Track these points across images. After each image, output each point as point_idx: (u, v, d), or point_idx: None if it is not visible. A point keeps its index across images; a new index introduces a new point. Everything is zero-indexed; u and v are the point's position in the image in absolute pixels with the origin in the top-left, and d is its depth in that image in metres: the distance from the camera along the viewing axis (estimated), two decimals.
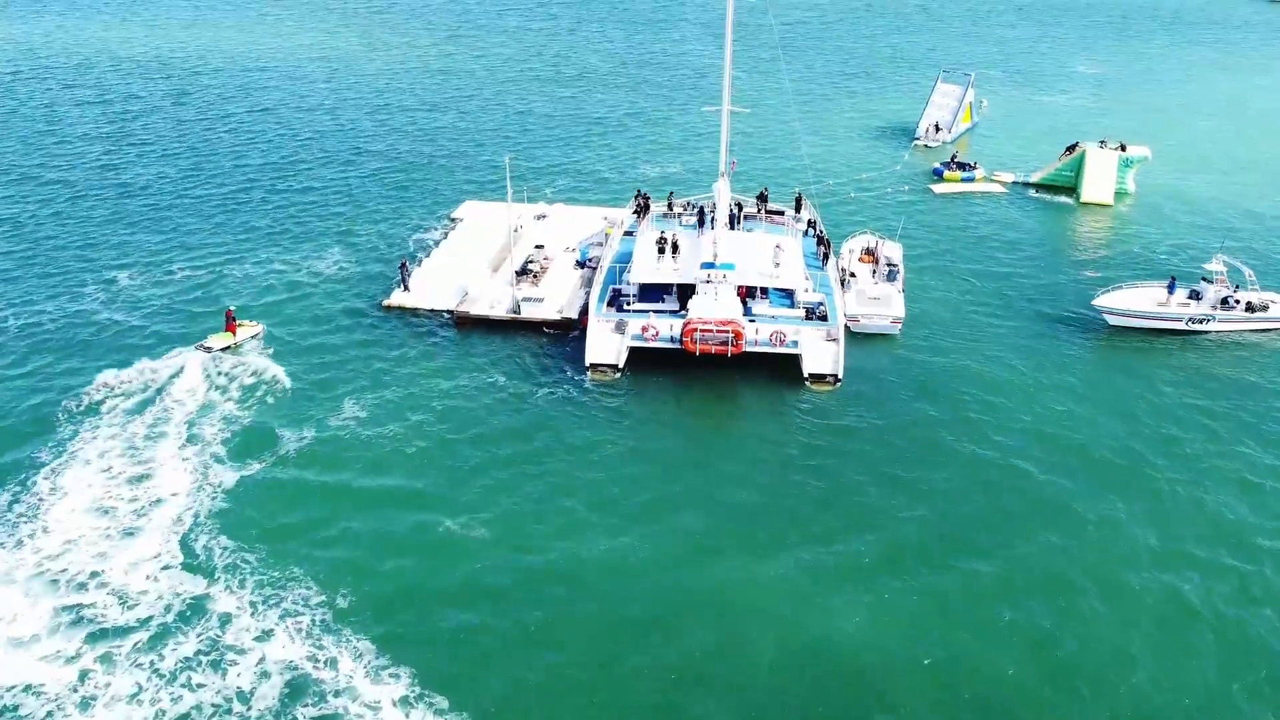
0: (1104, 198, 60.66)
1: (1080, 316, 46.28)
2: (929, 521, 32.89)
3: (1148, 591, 30.29)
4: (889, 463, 35.68)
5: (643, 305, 42.90)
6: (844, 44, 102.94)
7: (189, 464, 34.95)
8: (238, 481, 34.07)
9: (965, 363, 42.21)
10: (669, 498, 33.86)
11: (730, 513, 33.20)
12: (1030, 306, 47.24)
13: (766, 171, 64.15)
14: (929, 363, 42.14)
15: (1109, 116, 79.39)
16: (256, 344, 42.92)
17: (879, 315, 44.08)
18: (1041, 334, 44.91)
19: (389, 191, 60.65)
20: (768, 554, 31.40)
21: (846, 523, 32.72)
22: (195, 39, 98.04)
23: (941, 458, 36.05)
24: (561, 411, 38.29)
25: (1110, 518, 33.33)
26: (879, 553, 31.50)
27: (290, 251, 51.87)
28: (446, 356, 41.97)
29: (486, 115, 76.33)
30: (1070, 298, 48.26)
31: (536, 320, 43.93)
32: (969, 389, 40.25)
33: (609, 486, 34.29)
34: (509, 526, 32.40)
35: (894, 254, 48.27)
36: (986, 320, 45.80)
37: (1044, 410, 39.19)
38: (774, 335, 40.67)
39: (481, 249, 50.10)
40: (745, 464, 35.67)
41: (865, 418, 38.20)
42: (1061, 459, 36.25)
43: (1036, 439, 37.33)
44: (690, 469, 35.40)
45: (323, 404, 38.54)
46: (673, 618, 28.97)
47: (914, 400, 39.43)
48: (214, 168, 64.02)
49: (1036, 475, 35.29)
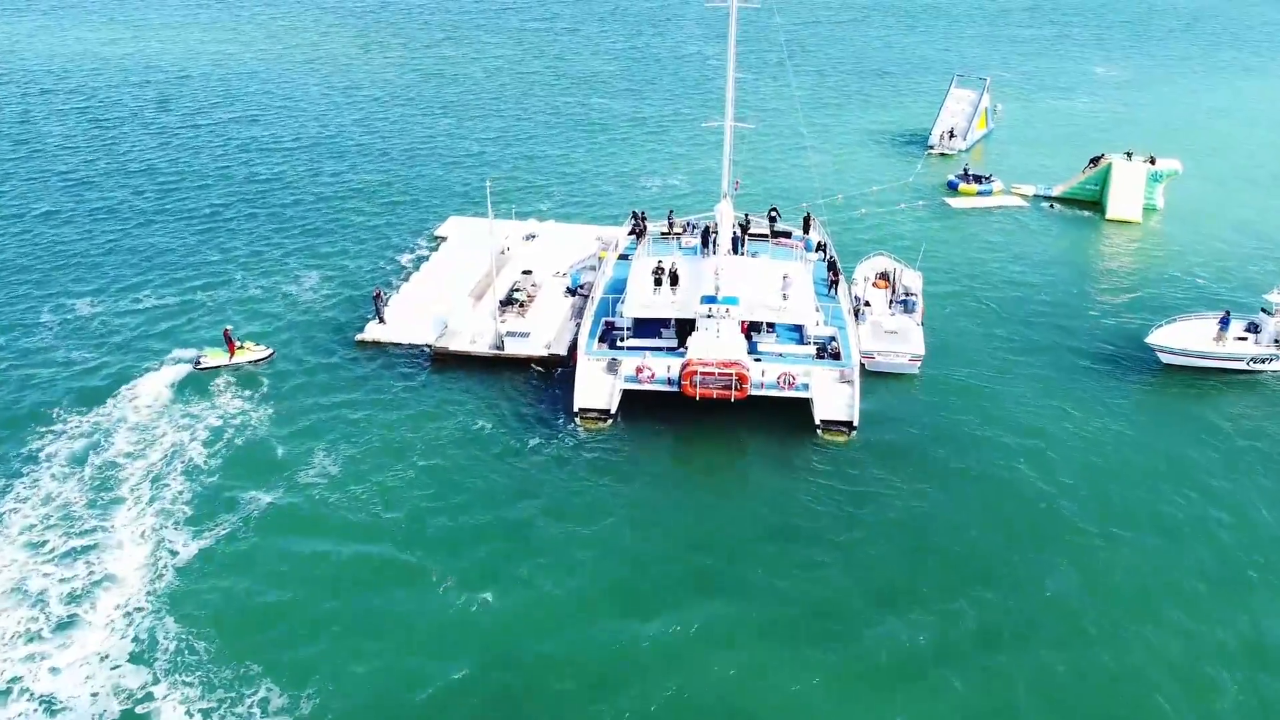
0: (1132, 214, 56.13)
1: (1123, 353, 41.58)
2: (968, 612, 28.56)
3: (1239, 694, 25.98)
4: (916, 534, 31.21)
5: (637, 341, 38.61)
6: (853, 46, 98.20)
7: (140, 529, 30.77)
8: (195, 555, 29.83)
9: (995, 408, 37.68)
10: (669, 579, 29.51)
11: (739, 600, 28.86)
12: (1063, 340, 42.59)
13: (771, 185, 59.75)
14: (954, 408, 37.65)
15: (1130, 123, 74.82)
16: (253, 371, 39.13)
17: (896, 352, 39.68)
18: (1081, 373, 40.24)
19: (375, 207, 56.19)
20: (789, 649, 27.13)
21: (872, 615, 28.41)
22: (183, 41, 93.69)
23: (977, 528, 31.51)
24: (549, 470, 33.86)
25: (1194, 602, 28.75)
26: (914, 650, 27.25)
27: (267, 276, 47.53)
28: (424, 401, 37.65)
29: (481, 122, 71.91)
30: (1107, 330, 43.58)
31: (522, 357, 39.70)
32: (1001, 439, 35.78)
33: (606, 564, 29.97)
34: (496, 612, 28.15)
35: (912, 282, 43.76)
36: (1016, 357, 41.21)
37: (1093, 466, 34.54)
38: (782, 377, 36.35)
39: (464, 274, 45.79)
40: (753, 536, 31.18)
41: (887, 479, 33.62)
42: (1122, 529, 31.56)
43: (1088, 504, 32.67)
44: (690, 545, 30.89)
45: (291, 455, 34.34)
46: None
47: (941, 455, 34.88)
48: (193, 182, 59.56)
49: (1092, 551, 30.65)
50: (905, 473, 33.97)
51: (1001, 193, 60.04)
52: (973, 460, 34.62)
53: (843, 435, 35.62)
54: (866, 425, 36.02)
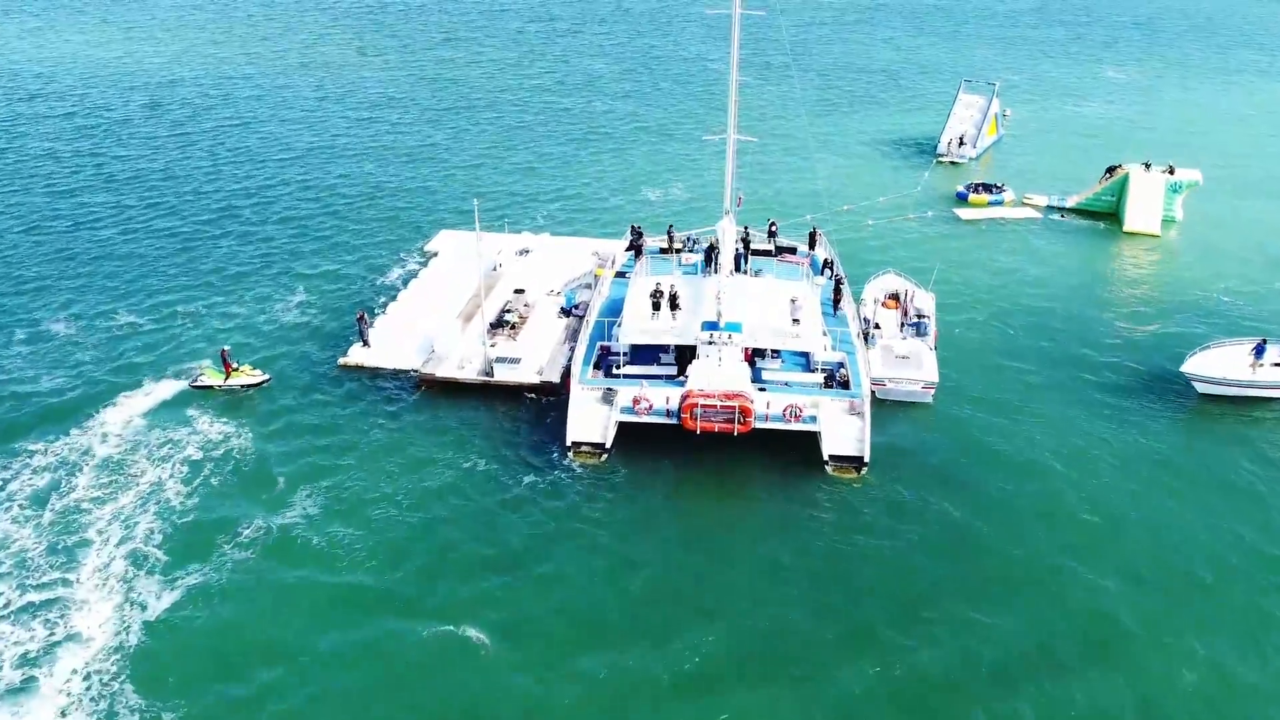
0: (1150, 227, 53.60)
1: (1153, 379, 38.92)
2: (986, 667, 26.29)
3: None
4: (933, 586, 28.79)
5: (634, 368, 36.20)
6: (857, 48, 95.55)
7: (107, 578, 28.49)
8: (165, 609, 27.47)
9: (1017, 441, 35.11)
10: (664, 627, 27.19)
11: (739, 648, 26.56)
12: (1087, 366, 39.98)
13: (774, 194, 57.33)
14: (972, 442, 35.13)
15: (1144, 129, 72.27)
16: (240, 397, 36.96)
17: (908, 379, 37.27)
18: (1109, 402, 37.62)
19: (366, 220, 53.73)
20: (789, 698, 24.83)
21: (880, 667, 26.01)
22: (176, 43, 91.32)
23: (1000, 583, 28.91)
24: (540, 509, 31.46)
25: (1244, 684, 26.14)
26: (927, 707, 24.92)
27: (251, 294, 45.12)
28: (410, 433, 35.24)
29: (477, 129, 69.46)
30: (1134, 354, 40.93)
31: (512, 385, 37.33)
32: (1026, 478, 33.25)
33: (598, 611, 27.69)
34: (488, 665, 25.94)
35: (925, 304, 41.22)
36: (1037, 385, 38.61)
37: (1129, 506, 31.97)
38: (788, 410, 33.91)
39: (453, 293, 43.40)
40: (755, 584, 28.80)
41: (901, 523, 31.15)
42: (1164, 587, 28.83)
43: (1126, 549, 30.12)
44: (687, 590, 28.58)
45: (271, 493, 32.02)
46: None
47: (960, 496, 32.32)
48: (181, 193, 57.13)
49: (1127, 609, 27.98)
50: (920, 515, 31.51)
51: (1013, 204, 57.55)
52: (995, 501, 32.15)
53: (853, 472, 33.20)
54: (878, 460, 33.58)
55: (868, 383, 35.91)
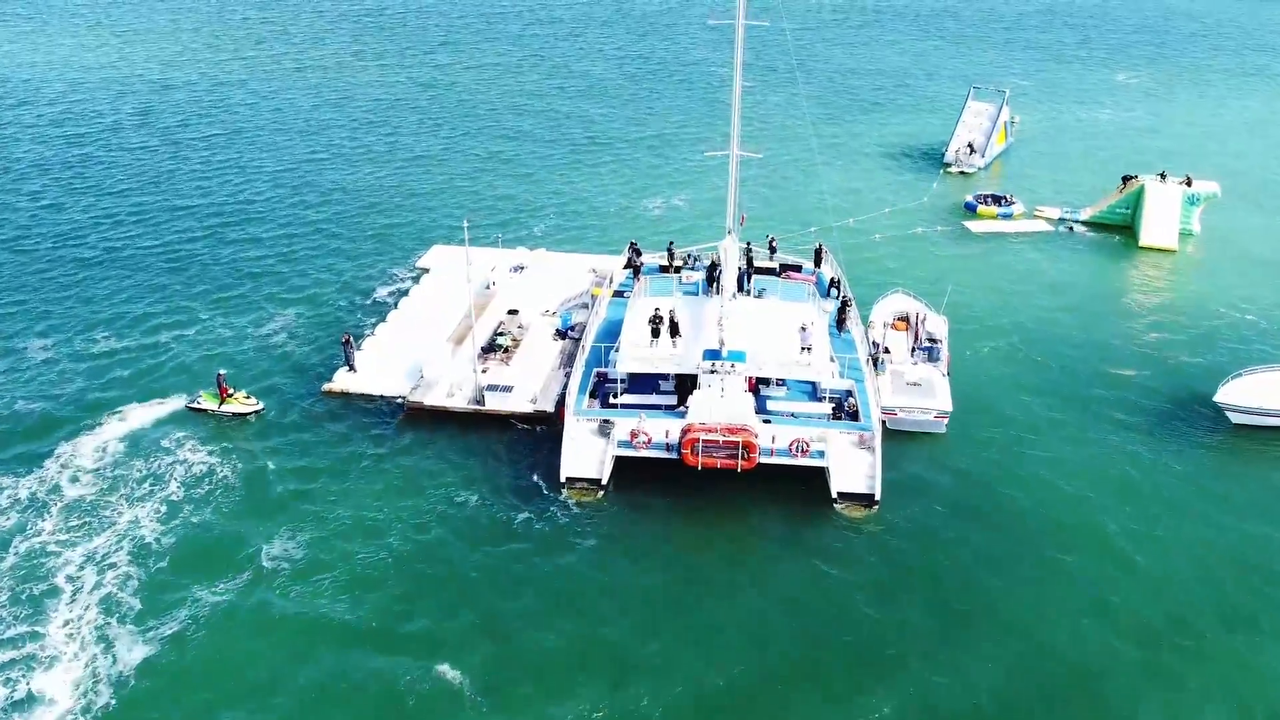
0: (1167, 242, 51.48)
1: (1181, 407, 36.68)
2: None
3: None
4: (951, 637, 26.84)
5: (632, 398, 34.20)
6: (862, 52, 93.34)
7: (78, 630, 26.54)
8: (138, 664, 25.46)
9: (1038, 475, 32.97)
10: (657, 679, 25.22)
11: (738, 705, 24.71)
12: (1110, 392, 37.82)
13: (776, 206, 55.26)
14: (989, 476, 33.04)
15: (1157, 135, 70.12)
16: (227, 426, 35.13)
17: (920, 408, 35.24)
18: (1136, 432, 35.37)
19: (359, 234, 51.56)
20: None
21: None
22: (169, 47, 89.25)
23: (1022, 636, 26.86)
24: (533, 551, 29.48)
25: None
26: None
27: (237, 313, 43.11)
28: (397, 467, 33.19)
29: (473, 138, 67.34)
30: (1159, 379, 38.69)
31: (504, 414, 35.32)
32: (1049, 515, 31.13)
33: (589, 667, 25.69)
34: (474, 716, 24.15)
35: (937, 328, 39.15)
36: (1057, 413, 36.45)
37: (1162, 553, 29.64)
38: (794, 444, 31.90)
39: (444, 313, 41.30)
40: (758, 634, 26.86)
41: (914, 566, 29.16)
42: (1205, 634, 26.86)
43: (1160, 601, 27.92)
44: (684, 642, 26.59)
45: (253, 533, 30.02)
46: None
47: (978, 537, 30.27)
48: (170, 205, 54.89)
49: (1167, 659, 26.09)
50: (936, 558, 29.50)
51: (1023, 216, 55.46)
52: (1016, 543, 30.05)
53: (863, 510, 31.21)
54: (889, 497, 31.59)
55: (878, 412, 33.91)
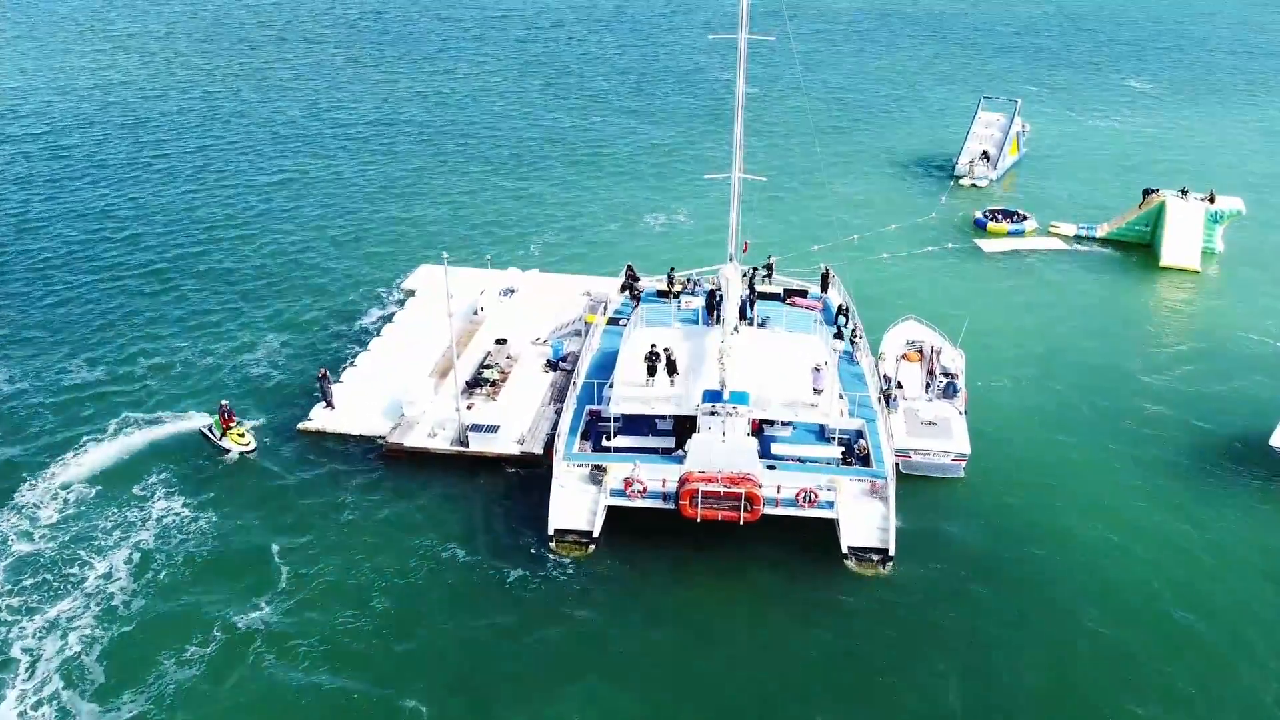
0: (1189, 261, 48.48)
1: (1225, 449, 33.65)
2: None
3: None
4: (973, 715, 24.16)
5: (626, 440, 31.34)
6: (867, 58, 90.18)
7: (34, 704, 24.04)
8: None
9: (1066, 531, 30.00)
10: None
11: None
12: (1141, 432, 34.86)
13: (778, 221, 52.11)
14: (1012, 528, 30.13)
15: (1176, 147, 66.90)
16: (205, 464, 32.50)
17: (937, 451, 32.39)
18: (1172, 479, 32.43)
19: (347, 254, 48.56)
20: None
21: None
22: (162, 53, 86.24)
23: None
24: (517, 613, 26.81)
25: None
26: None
27: (219, 340, 40.34)
28: (376, 517, 30.41)
29: (469, 150, 64.24)
30: (1197, 416, 35.69)
31: (490, 455, 32.48)
32: (1086, 580, 28.18)
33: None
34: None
35: (953, 362, 36.18)
36: (1085, 455, 33.50)
37: (1213, 623, 26.77)
38: (801, 494, 29.07)
39: (429, 340, 38.38)
40: (760, 708, 24.18)
41: (932, 631, 26.41)
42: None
43: (1207, 678, 25.15)
44: (680, 715, 24.02)
45: (224, 594, 27.44)
46: None
47: (1001, 597, 27.47)
48: (155, 223, 51.70)
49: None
50: (957, 626, 26.68)
51: (1035, 233, 52.46)
52: (1047, 607, 27.24)
53: (876, 567, 28.37)
54: (904, 550, 28.75)
55: (891, 456, 31.04)
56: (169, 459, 32.83)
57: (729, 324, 33.19)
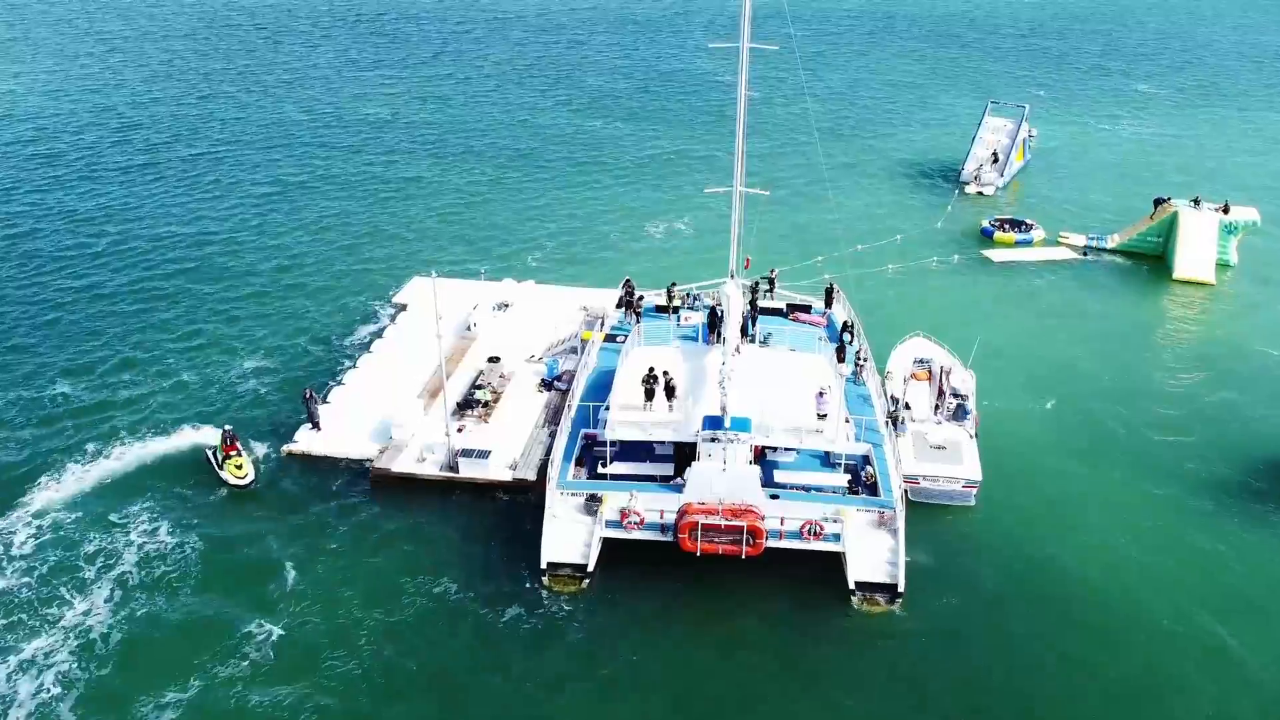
0: (1203, 274, 46.86)
1: (1255, 476, 32.04)
2: None
3: None
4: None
5: (622, 467, 29.87)
6: (872, 61, 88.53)
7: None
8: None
9: (1087, 562, 28.43)
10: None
11: None
12: (1167, 454, 33.28)
13: (779, 232, 50.46)
14: (1028, 561, 28.59)
15: (1187, 153, 65.23)
16: (188, 494, 30.97)
17: (947, 477, 30.90)
18: (1200, 502, 30.95)
19: (338, 264, 47.11)
20: None
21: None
22: (157, 56, 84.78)
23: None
24: (508, 653, 25.35)
25: None
26: None
27: (208, 357, 38.90)
28: (363, 548, 28.93)
29: (467, 156, 62.72)
30: (1221, 438, 34.16)
31: (481, 482, 31.01)
32: (1105, 619, 26.63)
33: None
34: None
35: (963, 384, 34.58)
36: (1105, 481, 31.90)
37: (1256, 670, 25.29)
38: (806, 527, 27.61)
39: (420, 357, 36.72)
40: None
41: (945, 676, 24.89)
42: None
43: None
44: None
45: (207, 632, 26.02)
46: None
47: (1020, 643, 25.91)
48: (145, 233, 50.12)
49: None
50: (967, 666, 25.19)
51: (1043, 242, 50.89)
52: (1062, 648, 25.73)
53: (884, 605, 26.89)
54: (914, 585, 27.25)
55: (899, 484, 29.54)
56: (154, 483, 31.41)
57: (730, 344, 31.70)
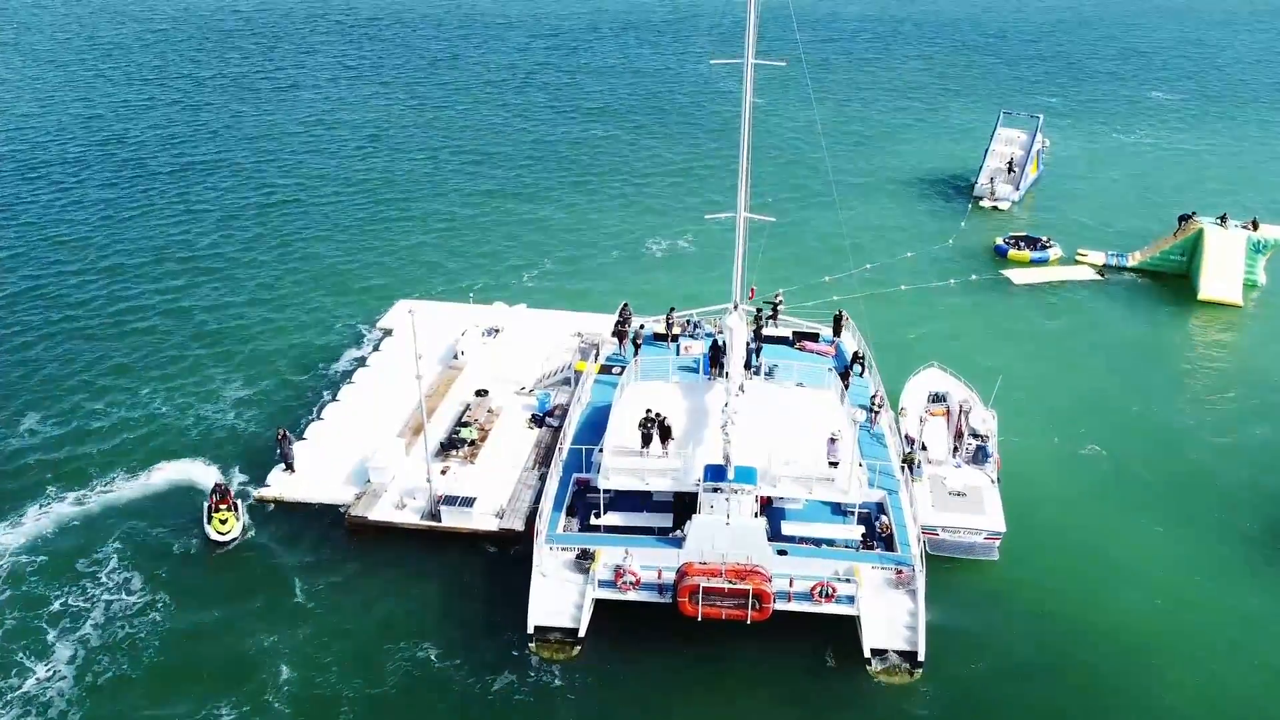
0: (1230, 296, 44.18)
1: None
2: None
3: None
4: None
5: (617, 518, 27.36)
6: (879, 67, 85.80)
7: None
8: None
9: (1120, 625, 25.92)
10: None
11: None
12: (1210, 500, 30.75)
13: (783, 250, 47.73)
14: (1059, 625, 25.96)
15: (1207, 164, 62.58)
16: (155, 539, 28.67)
17: (967, 528, 28.36)
18: (1240, 553, 28.54)
19: (331, 287, 44.53)
20: None
21: None
22: (153, 61, 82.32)
23: None
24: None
25: None
26: None
27: (184, 387, 36.44)
28: (340, 608, 26.46)
29: (463, 168, 60.14)
30: (1269, 481, 31.69)
31: (465, 531, 28.51)
32: (1138, 687, 24.18)
33: None
34: None
35: (983, 423, 31.83)
36: (1146, 532, 29.33)
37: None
38: (818, 589, 25.11)
39: (402, 391, 33.93)
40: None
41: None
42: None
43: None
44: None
45: (174, 706, 23.59)
46: None
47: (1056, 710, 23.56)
48: (123, 254, 47.42)
49: None
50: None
51: (1060, 261, 48.25)
52: (1102, 717, 23.37)
53: (905, 675, 24.34)
54: (935, 651, 24.69)
55: (917, 535, 27.00)
56: (124, 527, 29.09)
57: (733, 382, 29.10)
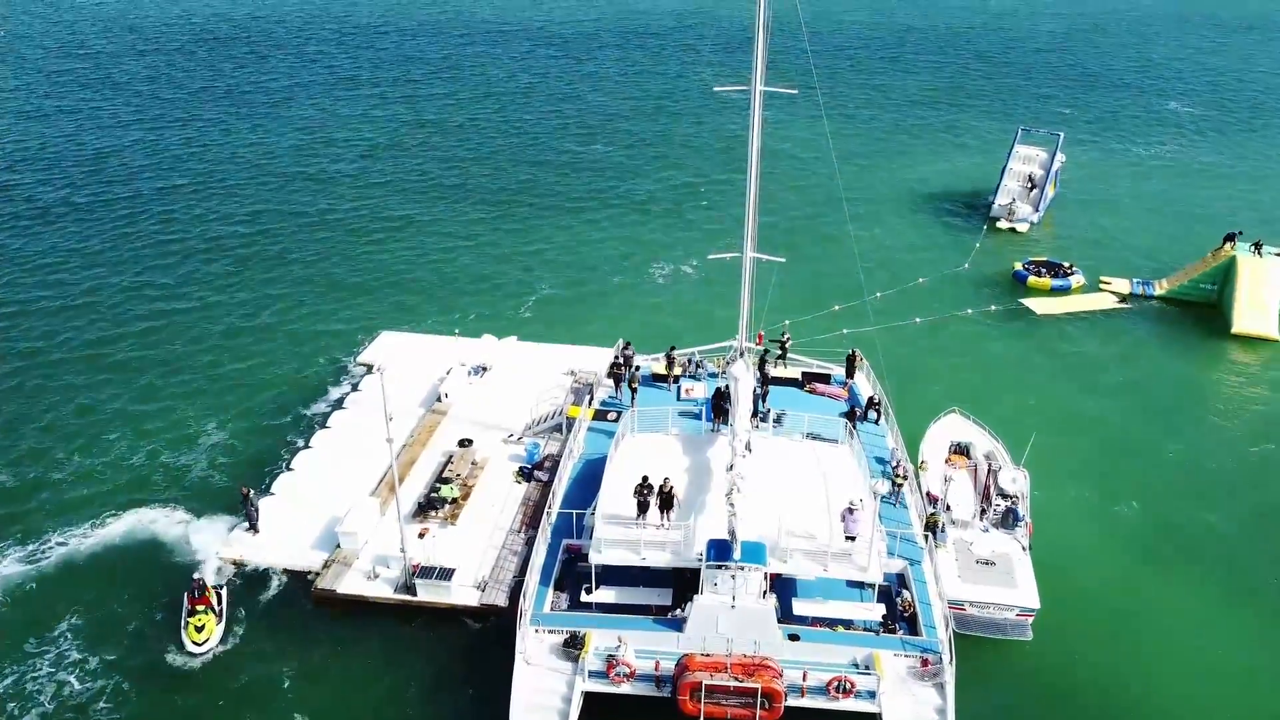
0: (1267, 329, 41.01)
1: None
2: None
3: None
4: None
5: (610, 593, 24.45)
6: (889, 77, 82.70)
7: None
8: None
9: (1173, 709, 23.24)
10: None
11: None
12: (1247, 560, 28.13)
13: (788, 277, 44.46)
14: (1102, 714, 23.18)
15: (1235, 182, 59.37)
16: (115, 613, 26.03)
17: (998, 603, 25.41)
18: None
19: (307, 317, 41.68)
20: None
21: None
22: (144, 71, 79.62)
23: None
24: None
25: None
26: None
27: (155, 428, 33.77)
28: (300, 701, 23.53)
29: (458, 188, 57.16)
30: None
31: (442, 607, 25.63)
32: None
33: None
34: None
35: (1012, 483, 28.65)
36: (1183, 596, 26.67)
37: None
38: (834, 684, 22.19)
39: (374, 443, 29.62)
40: None
41: None
42: None
43: None
44: None
45: None
46: None
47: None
48: (103, 285, 44.36)
49: None
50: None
51: (1083, 289, 45.22)
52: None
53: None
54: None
55: (943, 614, 24.04)
56: (83, 593, 26.47)
57: (739, 440, 26.19)
